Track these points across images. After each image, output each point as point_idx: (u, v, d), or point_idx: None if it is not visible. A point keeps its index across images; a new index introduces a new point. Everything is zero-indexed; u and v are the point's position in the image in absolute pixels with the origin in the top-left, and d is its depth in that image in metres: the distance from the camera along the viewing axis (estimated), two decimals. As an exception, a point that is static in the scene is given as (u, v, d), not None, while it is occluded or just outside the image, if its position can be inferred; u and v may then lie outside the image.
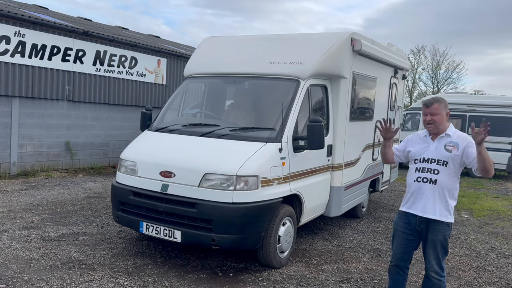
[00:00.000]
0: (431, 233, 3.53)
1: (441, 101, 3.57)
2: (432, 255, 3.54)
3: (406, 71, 8.92)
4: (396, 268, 3.73)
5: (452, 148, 3.48)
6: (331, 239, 6.23)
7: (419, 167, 3.59)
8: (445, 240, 3.53)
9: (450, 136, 3.54)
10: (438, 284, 3.55)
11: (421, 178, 3.55)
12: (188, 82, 6.25)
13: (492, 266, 5.49)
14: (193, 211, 4.47)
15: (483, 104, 13.99)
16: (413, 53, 33.92)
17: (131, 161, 5.07)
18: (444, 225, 3.49)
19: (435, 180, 3.48)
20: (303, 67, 5.38)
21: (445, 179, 3.48)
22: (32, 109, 10.22)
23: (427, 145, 3.60)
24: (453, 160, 3.47)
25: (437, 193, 3.49)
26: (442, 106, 3.54)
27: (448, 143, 3.51)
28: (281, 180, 4.79)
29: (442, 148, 3.51)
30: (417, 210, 3.55)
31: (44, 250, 5.11)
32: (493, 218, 8.20)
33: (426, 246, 3.59)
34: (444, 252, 3.57)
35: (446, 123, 3.59)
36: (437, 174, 3.49)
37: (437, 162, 3.50)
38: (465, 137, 3.54)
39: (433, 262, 3.53)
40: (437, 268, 3.54)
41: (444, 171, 3.48)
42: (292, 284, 4.52)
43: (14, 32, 9.52)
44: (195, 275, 4.61)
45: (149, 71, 12.88)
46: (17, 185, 8.87)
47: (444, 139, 3.55)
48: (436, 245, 3.52)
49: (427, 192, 3.51)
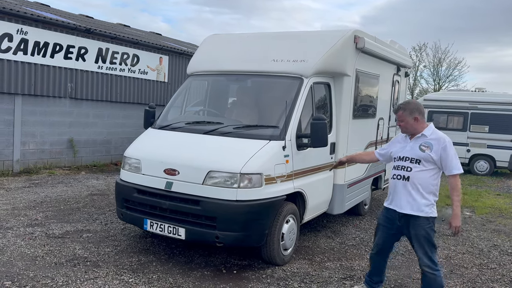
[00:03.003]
0: (412, 228, 3.71)
1: (405, 108, 3.79)
2: (420, 250, 3.71)
3: (409, 68, 8.91)
4: (377, 256, 4.07)
5: (425, 148, 3.67)
6: (334, 236, 6.25)
7: (395, 165, 3.86)
8: (428, 234, 3.67)
9: (426, 136, 3.73)
10: (433, 278, 3.69)
11: (396, 175, 3.81)
12: (191, 80, 6.25)
13: (495, 263, 5.50)
14: (197, 209, 4.48)
15: (485, 102, 13.97)
16: (414, 50, 33.88)
17: (135, 158, 5.09)
18: (423, 219, 3.66)
19: (408, 177, 3.71)
20: (306, 64, 5.38)
21: (418, 176, 3.67)
22: (35, 106, 10.24)
23: (405, 145, 3.83)
24: (425, 159, 3.66)
25: (410, 189, 3.68)
26: (406, 113, 3.75)
27: (423, 143, 3.70)
28: (284, 178, 4.81)
29: (416, 148, 3.72)
30: (396, 206, 3.79)
31: (48, 247, 5.14)
32: (495, 216, 8.21)
33: (412, 241, 3.78)
34: (431, 246, 3.70)
35: (421, 124, 3.77)
36: (409, 171, 3.70)
37: (410, 160, 3.72)
38: (440, 138, 3.68)
39: (423, 257, 3.70)
40: (429, 263, 3.68)
41: (416, 168, 3.68)
42: (296, 281, 4.54)
43: (16, 30, 9.53)
44: (199, 272, 4.64)
45: (151, 68, 12.89)
46: (20, 182, 8.90)
47: (420, 139, 3.74)
48: (420, 240, 3.68)
49: (401, 189, 3.74)
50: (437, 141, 3.66)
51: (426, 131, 3.74)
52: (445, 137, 3.69)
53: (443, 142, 3.64)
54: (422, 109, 3.82)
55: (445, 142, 3.63)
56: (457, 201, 3.63)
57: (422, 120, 3.78)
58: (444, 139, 3.67)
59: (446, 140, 3.65)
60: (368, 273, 4.25)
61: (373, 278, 4.19)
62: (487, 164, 13.88)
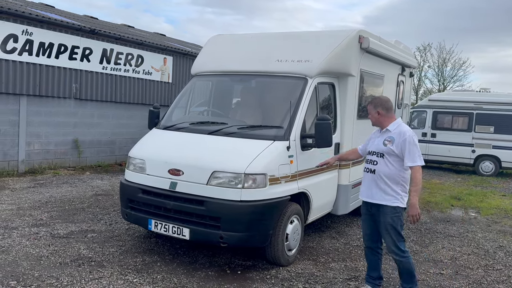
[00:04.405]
0: (380, 216, 3.98)
1: (371, 102, 4.15)
2: (386, 237, 3.98)
3: (413, 68, 8.88)
4: (369, 250, 4.25)
5: (388, 143, 3.93)
6: (338, 237, 6.23)
7: (366, 158, 4.17)
8: (394, 222, 3.90)
9: (390, 131, 3.98)
10: (401, 263, 3.97)
11: (365, 169, 4.12)
12: (195, 80, 6.26)
13: (501, 264, 5.47)
14: (202, 209, 4.48)
15: (490, 102, 13.89)
16: (419, 50, 33.77)
17: (140, 159, 5.09)
18: (389, 208, 3.90)
19: (374, 170, 3.99)
20: (310, 65, 5.37)
21: (383, 169, 3.92)
22: (40, 107, 10.29)
23: (375, 139, 4.12)
24: (387, 152, 3.91)
25: (377, 181, 3.95)
26: (371, 107, 4.10)
27: (387, 137, 3.96)
28: (289, 178, 4.80)
29: (381, 142, 3.99)
30: (366, 196, 4.09)
31: (53, 247, 5.15)
32: (500, 217, 8.15)
33: (379, 228, 4.03)
34: (396, 235, 3.91)
35: (387, 119, 4.01)
36: (375, 165, 3.99)
37: (377, 155, 4.00)
38: (402, 132, 3.89)
39: (389, 244, 3.97)
40: (395, 249, 3.94)
41: (381, 161, 3.95)
42: (300, 282, 4.53)
43: (21, 31, 9.57)
44: (203, 272, 4.64)
45: (155, 69, 12.91)
46: (25, 182, 8.94)
47: (385, 134, 4.02)
48: (387, 227, 3.93)
49: (369, 180, 4.03)
50: (399, 135, 3.88)
51: (391, 126, 3.99)
52: (406, 131, 3.91)
53: (403, 136, 3.86)
54: (387, 105, 4.05)
55: (405, 136, 3.85)
56: (413, 191, 3.84)
57: (388, 115, 4.02)
58: (405, 132, 3.88)
59: (406, 134, 3.86)
60: (367, 270, 4.38)
61: (372, 275, 4.30)
62: (492, 164, 13.80)
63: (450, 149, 14.07)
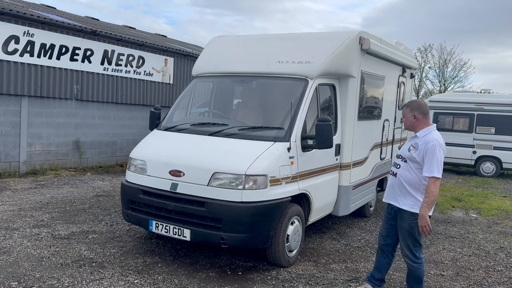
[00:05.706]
0: (399, 219, 3.94)
1: (408, 105, 4.02)
2: (402, 241, 3.94)
3: (414, 69, 8.88)
4: (381, 250, 4.22)
5: (412, 149, 3.84)
6: (339, 238, 6.23)
7: (393, 161, 4.20)
8: (411, 228, 3.82)
9: (418, 137, 3.88)
10: (412, 269, 3.93)
11: (390, 171, 4.12)
12: (196, 82, 6.27)
13: (502, 266, 5.46)
14: (202, 210, 4.49)
15: (491, 103, 13.88)
16: (420, 51, 33.76)
17: (141, 160, 5.10)
18: (408, 213, 3.83)
19: (396, 173, 3.96)
20: (311, 66, 5.38)
21: (404, 174, 3.86)
22: (41, 108, 10.31)
23: (407, 143, 4.05)
24: (410, 158, 3.83)
25: (398, 185, 3.90)
26: (407, 110, 3.96)
27: (413, 143, 3.87)
28: (289, 179, 4.80)
29: (407, 147, 3.92)
30: (388, 199, 4.06)
31: (54, 248, 5.16)
32: (501, 218, 8.15)
33: (398, 232, 4.00)
34: (413, 240, 3.86)
35: (421, 124, 3.89)
36: (398, 168, 3.95)
37: (401, 159, 3.95)
38: (427, 141, 3.77)
39: (404, 248, 3.94)
40: (409, 254, 3.90)
41: (404, 166, 3.89)
42: (301, 283, 4.53)
43: (23, 32, 9.60)
44: (204, 274, 4.64)
45: (156, 70, 12.93)
46: (26, 183, 8.95)
47: (413, 139, 3.94)
48: (403, 232, 3.89)
49: (392, 183, 4.02)
50: (424, 143, 3.76)
51: (420, 132, 3.88)
52: (432, 140, 3.74)
53: (427, 144, 3.74)
54: (424, 110, 3.91)
55: (429, 144, 3.73)
56: (424, 202, 3.71)
57: (424, 121, 3.89)
58: (430, 141, 3.74)
59: (430, 143, 3.72)
60: (372, 270, 4.37)
61: (375, 275, 4.29)
62: (493, 165, 13.79)
63: (451, 150, 14.05)
